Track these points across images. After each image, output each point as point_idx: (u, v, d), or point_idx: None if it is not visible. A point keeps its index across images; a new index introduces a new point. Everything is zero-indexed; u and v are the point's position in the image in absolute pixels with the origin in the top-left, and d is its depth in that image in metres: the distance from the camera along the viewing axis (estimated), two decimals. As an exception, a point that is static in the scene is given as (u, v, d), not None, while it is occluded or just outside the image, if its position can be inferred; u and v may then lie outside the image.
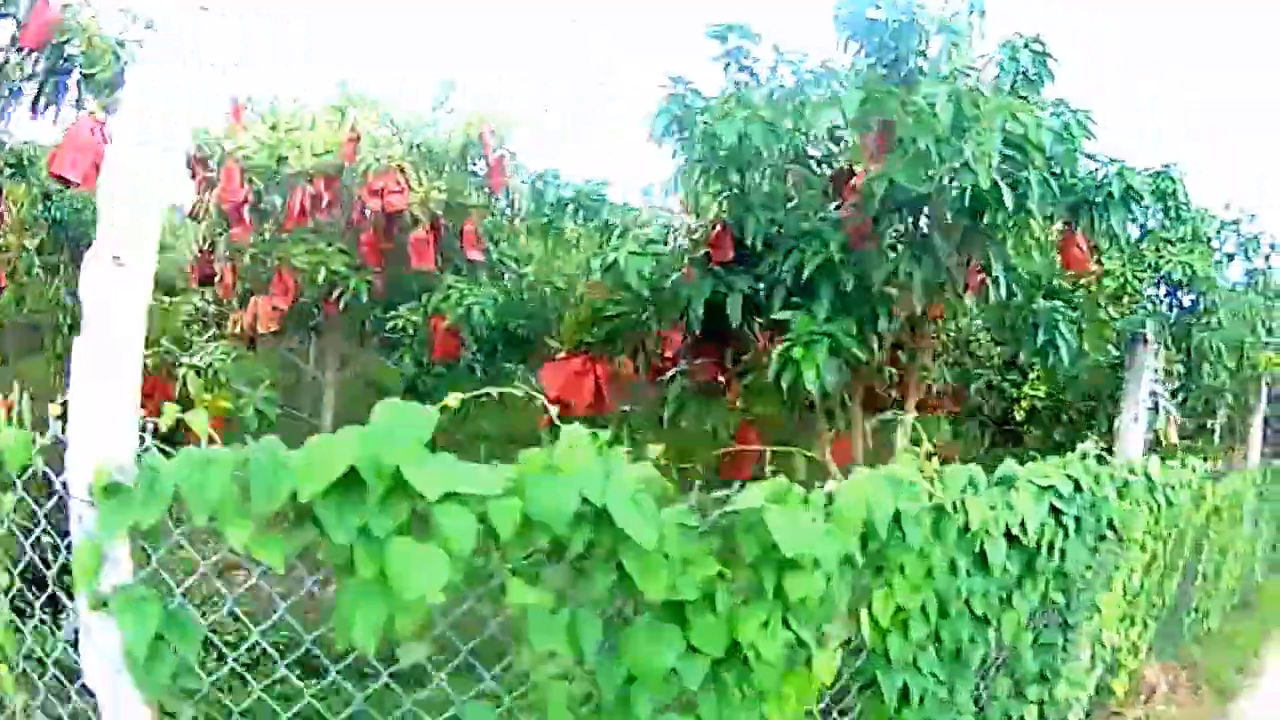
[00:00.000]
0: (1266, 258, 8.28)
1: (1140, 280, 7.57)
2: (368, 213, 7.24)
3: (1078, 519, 3.92)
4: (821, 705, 2.56)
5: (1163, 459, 5.68)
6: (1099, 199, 5.40)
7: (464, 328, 6.81)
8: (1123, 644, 5.18)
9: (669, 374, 5.96)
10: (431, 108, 7.95)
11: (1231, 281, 8.48)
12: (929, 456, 2.99)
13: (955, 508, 3.03)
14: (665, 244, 5.45)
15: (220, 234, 7.71)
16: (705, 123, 5.01)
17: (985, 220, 4.94)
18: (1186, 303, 7.90)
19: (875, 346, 5.34)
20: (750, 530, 2.10)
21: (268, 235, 7.67)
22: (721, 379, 6.12)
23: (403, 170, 7.03)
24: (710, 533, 2.08)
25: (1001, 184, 4.58)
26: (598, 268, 5.36)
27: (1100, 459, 4.34)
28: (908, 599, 2.77)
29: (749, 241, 5.26)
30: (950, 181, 4.62)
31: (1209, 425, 8.31)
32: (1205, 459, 8.61)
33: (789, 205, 5.53)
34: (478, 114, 7.28)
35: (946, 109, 4.68)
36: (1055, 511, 3.74)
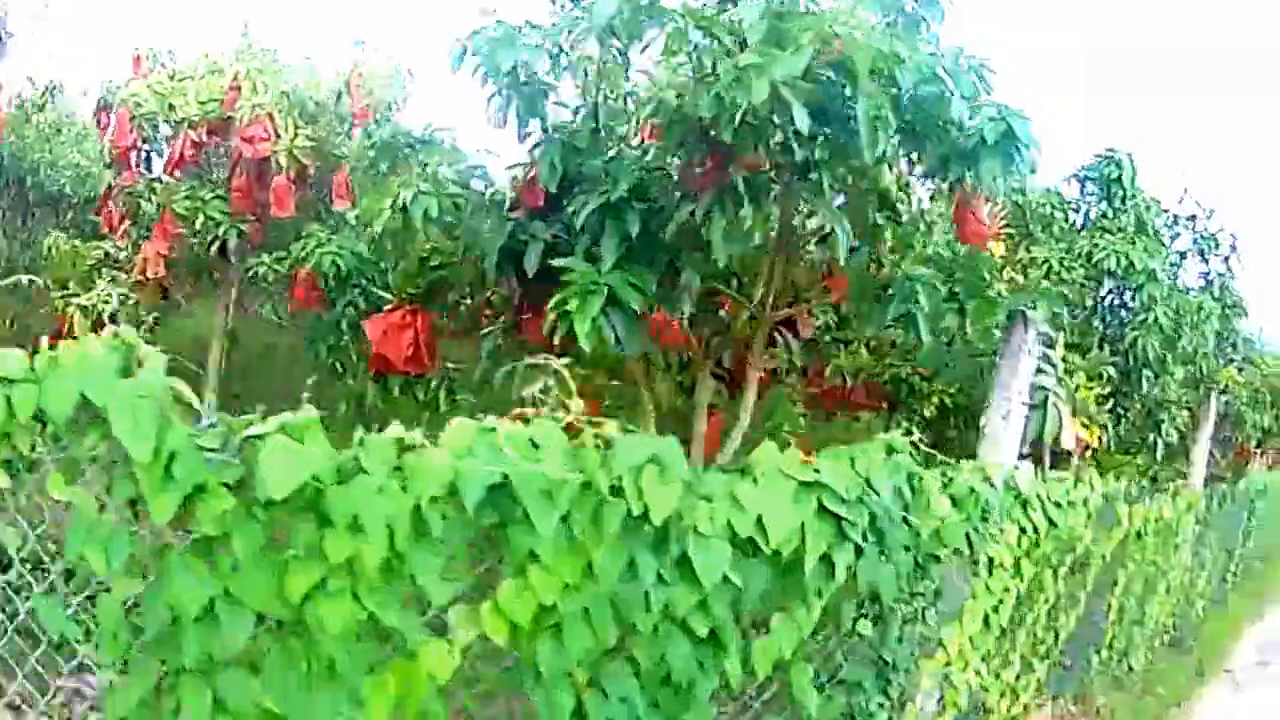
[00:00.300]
0: (1226, 259, 6.85)
1: (1070, 269, 6.28)
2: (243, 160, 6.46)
3: (879, 531, 2.81)
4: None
5: (1040, 469, 4.50)
6: (969, 146, 4.21)
7: (320, 279, 5.94)
8: (991, 685, 4.03)
9: (484, 331, 4.99)
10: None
11: (1186, 287, 7.08)
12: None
13: (616, 489, 2.13)
14: (468, 187, 4.49)
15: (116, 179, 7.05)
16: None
17: (798, 159, 3.86)
18: (1128, 299, 6.58)
19: (685, 305, 4.28)
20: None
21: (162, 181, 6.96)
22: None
23: (272, 117, 6.21)
24: (233, 465, 1.71)
25: (798, 109, 3.49)
26: (387, 209, 4.44)
27: (921, 458, 3.18)
28: (557, 598, 2.08)
29: (544, 185, 4.26)
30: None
31: (1150, 439, 6.92)
32: (1154, 478, 7.26)
33: (606, 148, 4.50)
34: (355, 65, 6.43)
35: (757, 27, 3.63)
36: (833, 517, 2.65)
